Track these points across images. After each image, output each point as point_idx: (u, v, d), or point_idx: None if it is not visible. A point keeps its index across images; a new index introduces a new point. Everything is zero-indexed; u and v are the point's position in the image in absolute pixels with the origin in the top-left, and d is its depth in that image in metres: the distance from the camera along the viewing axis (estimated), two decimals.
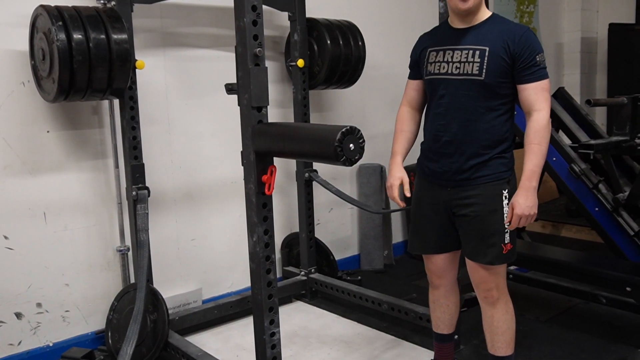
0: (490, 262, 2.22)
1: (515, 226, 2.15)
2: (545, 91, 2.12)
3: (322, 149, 1.68)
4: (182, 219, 3.36)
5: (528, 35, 2.12)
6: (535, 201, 2.11)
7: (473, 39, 2.16)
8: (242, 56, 1.89)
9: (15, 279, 2.81)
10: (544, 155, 2.10)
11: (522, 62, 2.09)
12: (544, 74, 2.12)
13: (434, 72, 2.25)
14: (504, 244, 2.21)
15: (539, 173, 2.10)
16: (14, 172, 2.77)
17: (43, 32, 2.46)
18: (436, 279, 2.49)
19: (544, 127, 2.09)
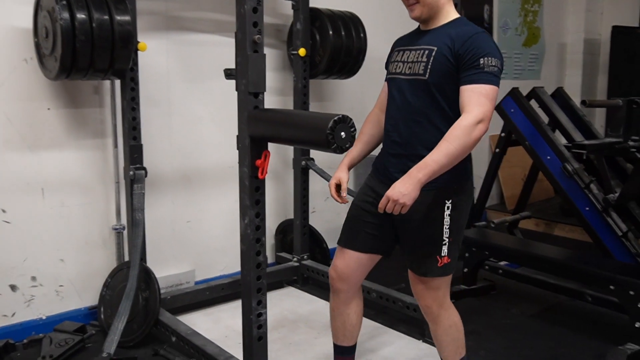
0: (424, 273, 2.11)
1: (382, 209, 1.93)
2: (482, 95, 1.91)
3: (314, 136, 1.72)
4: (178, 201, 3.41)
5: (477, 37, 1.97)
6: (412, 192, 1.86)
7: (427, 39, 2.08)
8: (241, 42, 1.93)
9: (11, 252, 2.87)
10: (448, 155, 1.87)
11: (464, 63, 1.95)
12: (487, 79, 1.92)
13: (391, 71, 2.20)
14: (440, 256, 2.07)
15: (434, 170, 1.87)
16: (14, 147, 2.81)
17: (47, 11, 2.50)
18: (340, 281, 2.30)
19: (463, 128, 1.87)
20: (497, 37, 5.44)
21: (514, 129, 3.81)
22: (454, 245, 2.11)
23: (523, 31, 5.74)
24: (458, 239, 2.14)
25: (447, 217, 2.06)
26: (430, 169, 1.87)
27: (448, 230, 2.07)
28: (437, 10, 2.09)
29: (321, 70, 3.53)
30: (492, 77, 1.93)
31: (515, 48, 5.69)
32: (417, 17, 2.12)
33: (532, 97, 3.99)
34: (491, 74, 1.93)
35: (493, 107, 1.94)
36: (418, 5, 2.07)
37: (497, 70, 1.95)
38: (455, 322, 2.25)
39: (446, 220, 2.06)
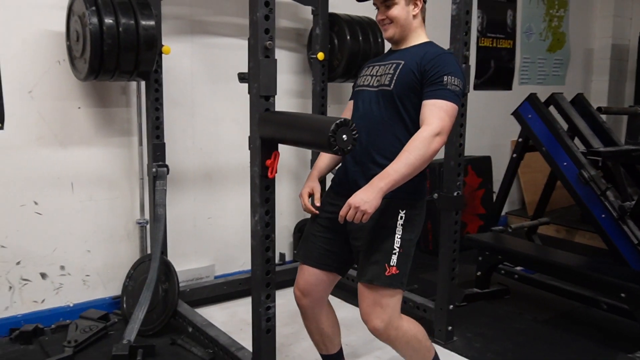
0: (369, 280, 2.07)
1: (343, 217, 1.93)
2: (442, 110, 1.98)
3: (317, 138, 1.82)
4: (199, 198, 3.54)
5: (443, 57, 2.07)
6: (373, 200, 1.89)
7: (396, 56, 2.18)
8: (253, 48, 2.04)
9: (42, 242, 3.03)
10: (409, 165, 1.92)
11: (428, 78, 2.04)
12: (448, 96, 2.00)
13: (359, 84, 2.28)
14: (389, 264, 2.05)
15: (394, 179, 1.91)
16: (47, 143, 2.98)
17: (78, 16, 2.66)
18: (301, 297, 2.30)
19: (421, 140, 1.93)
20: (520, 42, 5.46)
21: (531, 134, 3.85)
22: (404, 258, 2.09)
23: (547, 36, 5.73)
24: (408, 252, 2.12)
25: (400, 226, 2.08)
26: (391, 178, 1.91)
27: (400, 240, 2.08)
28: (409, 32, 2.19)
29: (339, 74, 3.63)
30: (454, 96, 2.01)
31: (539, 53, 5.69)
32: (390, 37, 2.21)
33: (551, 103, 4.01)
34: (453, 92, 2.01)
35: (452, 124, 2.02)
36: (392, 25, 2.17)
37: (459, 90, 2.03)
38: (412, 334, 2.19)
39: (398, 229, 2.08)
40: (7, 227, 2.93)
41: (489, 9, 5.09)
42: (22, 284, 3.01)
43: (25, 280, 3.01)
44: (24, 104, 2.90)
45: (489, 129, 5.20)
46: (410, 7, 2.16)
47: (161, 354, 2.79)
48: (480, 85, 5.12)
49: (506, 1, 5.25)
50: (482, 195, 4.79)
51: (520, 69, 5.51)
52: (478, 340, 3.03)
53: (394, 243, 2.07)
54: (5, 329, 2.95)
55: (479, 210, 4.77)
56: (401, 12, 2.15)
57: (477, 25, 5.00)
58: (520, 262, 3.60)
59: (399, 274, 2.08)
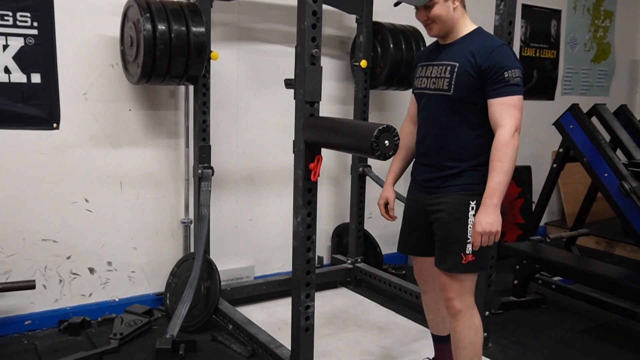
0: (448, 269, 2.21)
1: (478, 245, 2.10)
2: (512, 107, 2.06)
3: (360, 143, 1.89)
4: (242, 200, 3.64)
5: (499, 51, 2.09)
6: (496, 218, 2.06)
7: (448, 55, 2.20)
8: (300, 55, 2.12)
9: (91, 238, 3.17)
10: (506, 172, 2.05)
11: (489, 77, 2.08)
12: (513, 90, 2.06)
13: (417, 86, 2.33)
14: (465, 253, 2.17)
15: (501, 190, 2.05)
16: (98, 143, 3.12)
17: (132, 22, 2.79)
18: (422, 282, 2.53)
19: (506, 144, 2.04)
20: (563, 52, 5.42)
21: (572, 145, 3.83)
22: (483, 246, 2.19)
23: (592, 47, 5.68)
24: None
25: (472, 216, 2.17)
26: (499, 192, 2.05)
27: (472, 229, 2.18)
28: (453, 25, 2.21)
29: (381, 82, 3.69)
30: (517, 88, 2.08)
31: (584, 64, 5.64)
32: (435, 35, 2.26)
33: (593, 113, 3.98)
34: (516, 85, 2.07)
35: (521, 115, 2.10)
36: (435, 24, 2.20)
37: (520, 80, 2.09)
38: (476, 324, 2.29)
39: (471, 220, 2.17)
40: (59, 223, 3.08)
41: (533, 18, 5.08)
42: (72, 277, 3.15)
43: (74, 274, 3.15)
44: (79, 106, 3.04)
45: (530, 139, 5.18)
46: (449, 2, 2.17)
47: (202, 349, 2.88)
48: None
49: (550, 11, 5.22)
50: (522, 205, 4.77)
51: (563, 79, 5.47)
52: (513, 348, 3.04)
53: (467, 233, 2.17)
54: (55, 320, 3.09)
55: (518, 219, 4.75)
56: (442, 10, 2.16)
57: (520, 35, 4.99)
58: (557, 272, 3.58)
59: (475, 260, 2.20)
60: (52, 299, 3.11)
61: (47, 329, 3.07)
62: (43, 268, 3.06)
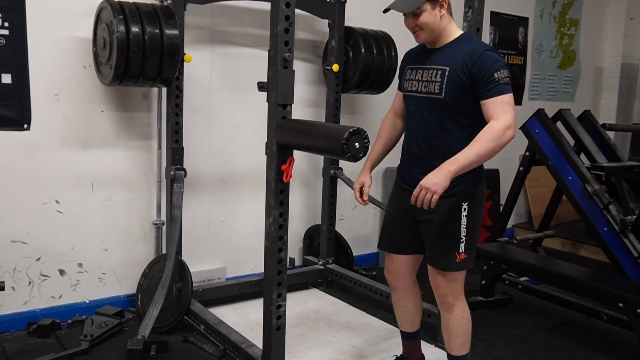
0: (443, 267, 2.32)
1: (414, 198, 2.10)
2: (505, 104, 2.13)
3: (331, 145, 1.93)
4: (214, 202, 3.66)
5: (487, 54, 2.17)
6: (442, 182, 2.06)
7: (438, 60, 2.28)
8: (273, 59, 2.16)
9: (62, 239, 3.16)
10: (478, 153, 2.09)
11: (480, 79, 2.15)
12: (504, 89, 2.14)
13: (408, 89, 2.39)
14: (458, 252, 2.29)
15: (463, 165, 2.08)
16: (70, 144, 3.11)
17: (106, 24, 2.79)
18: (394, 280, 2.57)
19: (491, 131, 2.09)
20: (531, 59, 5.56)
21: (538, 148, 3.94)
22: (470, 243, 2.32)
23: (558, 54, 5.83)
24: (474, 236, 2.35)
25: (464, 217, 2.28)
26: (460, 163, 2.07)
27: (465, 229, 2.29)
28: (440, 32, 2.29)
29: (353, 85, 3.75)
30: (508, 87, 2.16)
31: (550, 70, 5.78)
32: (423, 42, 2.34)
33: (559, 118, 4.10)
34: (506, 84, 2.15)
35: (515, 112, 2.17)
36: (422, 31, 2.27)
37: (509, 80, 2.18)
38: (467, 315, 2.44)
39: (463, 221, 2.28)
40: (29, 224, 3.05)
41: (501, 25, 5.20)
42: (41, 279, 3.12)
43: (44, 276, 3.13)
44: (50, 107, 3.03)
45: None
46: (437, 10, 2.24)
47: (174, 350, 2.89)
48: None
49: (518, 19, 5.35)
50: (490, 207, 4.87)
51: (531, 84, 5.61)
52: (480, 346, 3.12)
53: (460, 233, 2.29)
54: (24, 322, 3.06)
55: (486, 221, 4.85)
56: (429, 18, 2.23)
57: (489, 42, 5.10)
58: (524, 273, 3.68)
59: (467, 258, 2.32)
60: (21, 301, 3.08)
61: (16, 331, 3.04)
62: (12, 270, 3.03)
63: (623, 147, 4.91)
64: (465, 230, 2.30)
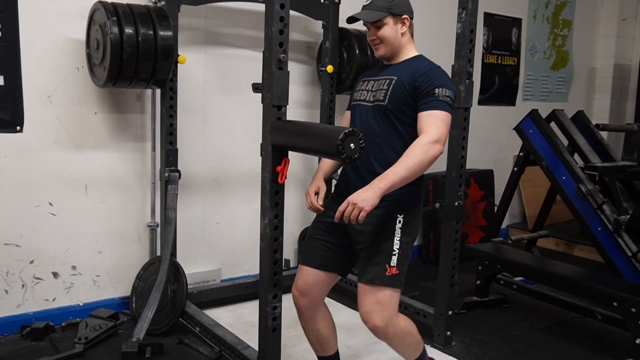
0: (371, 279, 2.18)
1: (340, 213, 2.02)
2: (438, 119, 2.10)
3: (326, 146, 1.93)
4: (209, 203, 3.65)
5: (434, 71, 2.19)
6: (371, 199, 1.97)
7: (389, 71, 2.30)
8: (267, 60, 2.15)
9: (55, 242, 3.14)
10: (407, 168, 2.03)
11: (421, 92, 2.15)
12: (441, 106, 2.12)
13: (357, 98, 2.38)
14: (389, 265, 2.18)
15: (394, 181, 2.01)
16: (63, 146, 3.10)
17: (99, 25, 2.78)
18: (299, 297, 2.39)
19: (421, 145, 2.05)
20: (524, 59, 5.57)
21: (532, 149, 3.95)
22: (403, 259, 2.21)
23: (551, 55, 5.85)
24: (407, 254, 2.23)
25: (398, 230, 2.21)
26: (390, 180, 2.01)
27: (399, 242, 2.20)
28: (399, 49, 2.32)
29: (347, 86, 3.75)
30: (446, 105, 2.13)
31: (543, 71, 5.80)
32: (381, 56, 2.34)
33: (552, 119, 4.12)
34: (445, 103, 2.13)
35: (448, 131, 2.14)
36: (382, 45, 2.30)
37: (450, 101, 2.15)
38: (407, 330, 2.32)
39: (397, 232, 2.20)
40: (22, 227, 3.04)
41: (494, 26, 5.21)
42: (35, 282, 3.11)
43: (37, 279, 3.11)
44: (43, 109, 3.01)
45: (492, 144, 5.31)
46: (398, 26, 2.29)
47: (169, 352, 2.88)
48: (484, 100, 5.23)
49: (511, 20, 5.37)
50: (484, 208, 4.88)
51: (524, 85, 5.63)
52: (476, 346, 3.12)
53: (393, 245, 2.20)
54: (17, 325, 3.04)
55: (481, 222, 4.86)
56: (390, 32, 2.27)
57: (482, 43, 5.12)
58: (518, 272, 3.69)
59: (399, 274, 2.20)
60: (14, 304, 3.06)
61: (9, 334, 3.02)
62: (5, 273, 3.01)
63: (616, 147, 4.94)
64: (399, 243, 2.21)
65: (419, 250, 4.83)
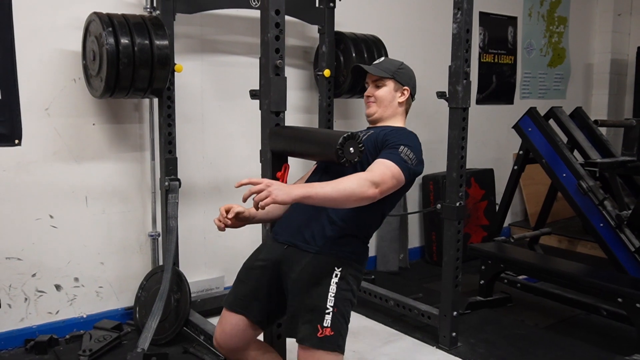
0: (300, 339, 1.93)
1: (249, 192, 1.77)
2: (389, 170, 1.92)
3: (326, 151, 1.92)
4: (210, 211, 3.64)
5: (408, 135, 2.09)
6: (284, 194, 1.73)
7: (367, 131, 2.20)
8: (264, 66, 2.15)
9: (57, 254, 3.13)
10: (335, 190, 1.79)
11: (386, 144, 2.04)
12: (398, 161, 1.95)
13: None
14: (322, 325, 1.89)
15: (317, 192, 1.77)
16: (62, 158, 3.09)
17: (95, 36, 2.78)
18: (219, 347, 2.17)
19: (359, 178, 1.85)
20: (521, 57, 5.58)
21: (532, 147, 3.95)
22: (339, 319, 1.94)
23: (548, 52, 5.85)
24: (344, 312, 1.97)
25: (334, 284, 1.95)
26: (313, 190, 1.78)
27: (333, 299, 1.93)
28: (389, 115, 2.26)
29: (345, 90, 3.75)
30: (404, 164, 1.97)
31: (540, 68, 5.81)
32: (371, 114, 2.28)
33: (551, 116, 4.12)
34: (404, 162, 1.97)
35: (392, 187, 1.94)
36: (375, 104, 2.26)
37: (411, 164, 1.99)
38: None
39: (332, 287, 1.95)
40: (24, 240, 3.03)
41: (490, 25, 5.21)
42: (37, 295, 3.10)
43: (40, 292, 3.10)
44: (41, 121, 3.01)
45: (491, 143, 5.31)
46: (397, 93, 2.25)
47: None
48: (482, 99, 5.24)
49: (507, 18, 5.37)
50: (485, 207, 4.88)
51: (522, 83, 5.63)
52: (481, 346, 3.11)
53: (327, 301, 1.92)
54: (21, 339, 3.03)
55: (483, 221, 4.86)
56: (388, 95, 2.24)
57: (479, 42, 5.12)
58: (521, 271, 3.68)
59: (334, 335, 1.92)
60: (17, 318, 3.05)
61: (13, 349, 3.01)
62: (7, 287, 3.00)
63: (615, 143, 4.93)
64: (334, 300, 1.92)
65: (421, 252, 4.82)
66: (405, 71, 2.31)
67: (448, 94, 2.95)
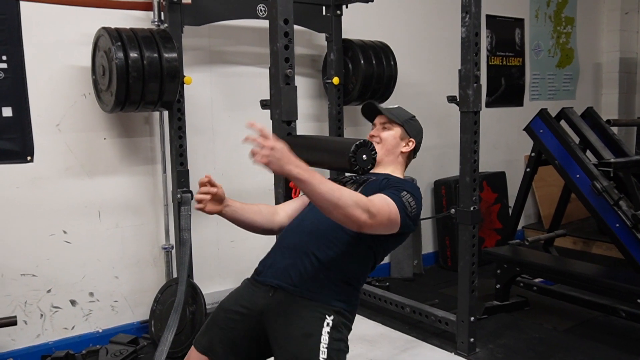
0: None
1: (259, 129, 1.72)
2: (388, 207, 1.78)
3: (338, 159, 1.92)
4: (222, 222, 3.56)
5: (410, 184, 1.98)
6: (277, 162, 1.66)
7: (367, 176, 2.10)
8: (274, 76, 2.15)
9: (71, 269, 3.14)
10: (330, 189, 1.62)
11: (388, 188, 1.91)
12: (398, 202, 1.83)
13: None
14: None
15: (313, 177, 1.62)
16: (74, 173, 3.10)
17: (104, 51, 2.79)
18: None
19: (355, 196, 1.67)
20: (529, 59, 5.55)
21: (544, 148, 3.92)
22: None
23: (556, 53, 5.82)
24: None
25: (326, 334, 1.79)
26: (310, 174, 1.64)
27: (326, 350, 1.77)
28: (390, 160, 2.17)
29: (354, 97, 3.75)
30: (403, 207, 1.85)
31: (549, 69, 5.78)
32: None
33: (562, 117, 4.09)
34: (405, 208, 1.85)
35: (384, 226, 1.79)
36: (378, 145, 2.14)
37: (410, 210, 1.88)
38: None
39: (324, 337, 1.79)
40: (38, 256, 3.04)
41: (497, 28, 5.20)
42: (53, 311, 3.10)
43: (55, 307, 3.11)
44: (52, 137, 3.03)
45: (502, 145, 5.28)
46: (402, 142, 2.18)
47: None
48: (492, 102, 5.21)
49: (514, 20, 5.35)
50: (499, 210, 4.84)
51: (531, 85, 5.60)
52: (500, 351, 3.08)
53: (319, 353, 1.76)
54: (37, 356, 3.03)
55: (496, 225, 4.82)
56: (392, 139, 2.17)
57: (486, 45, 5.10)
58: (538, 274, 3.65)
59: None
60: (33, 334, 3.05)
61: None
62: (23, 303, 3.01)
63: (628, 142, 4.89)
64: (327, 352, 1.76)
65: (435, 257, 4.79)
66: (415, 124, 2.24)
67: (459, 97, 2.93)
